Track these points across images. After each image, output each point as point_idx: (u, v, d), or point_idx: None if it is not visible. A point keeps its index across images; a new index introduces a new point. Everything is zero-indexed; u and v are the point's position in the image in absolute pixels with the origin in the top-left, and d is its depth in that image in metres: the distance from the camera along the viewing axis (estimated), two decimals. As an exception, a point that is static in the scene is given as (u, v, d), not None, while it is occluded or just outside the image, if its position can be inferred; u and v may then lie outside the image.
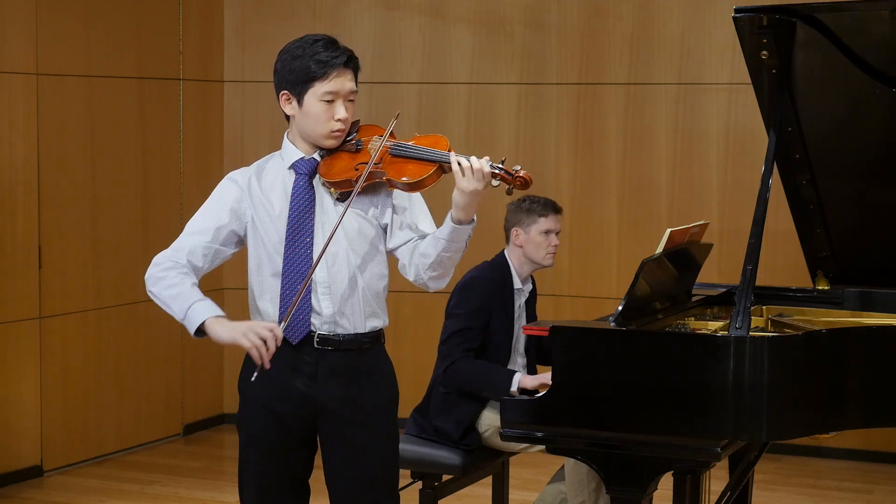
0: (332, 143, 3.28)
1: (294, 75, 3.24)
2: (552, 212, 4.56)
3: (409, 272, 3.27)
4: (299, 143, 3.32)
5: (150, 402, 6.70)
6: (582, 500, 4.33)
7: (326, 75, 3.21)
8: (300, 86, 3.24)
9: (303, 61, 3.22)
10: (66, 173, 6.15)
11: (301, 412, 3.29)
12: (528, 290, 4.65)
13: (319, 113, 3.24)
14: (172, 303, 3.21)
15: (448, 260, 3.21)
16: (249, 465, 3.37)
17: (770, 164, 3.94)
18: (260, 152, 3.46)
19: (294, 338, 3.24)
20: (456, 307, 4.47)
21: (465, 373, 4.40)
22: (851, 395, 3.57)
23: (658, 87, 6.69)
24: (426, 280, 3.25)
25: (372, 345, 3.32)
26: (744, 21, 3.85)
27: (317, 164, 3.29)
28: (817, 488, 6.06)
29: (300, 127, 3.30)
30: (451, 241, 3.17)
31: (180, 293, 3.20)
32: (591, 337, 3.57)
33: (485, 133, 6.91)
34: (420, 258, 3.23)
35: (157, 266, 3.26)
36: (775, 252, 6.35)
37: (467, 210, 3.14)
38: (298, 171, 3.29)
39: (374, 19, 7.01)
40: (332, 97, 3.23)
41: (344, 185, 3.24)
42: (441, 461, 4.39)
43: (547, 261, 4.56)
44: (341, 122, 3.25)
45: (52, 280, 6.08)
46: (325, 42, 3.25)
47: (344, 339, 3.26)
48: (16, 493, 5.82)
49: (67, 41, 6.13)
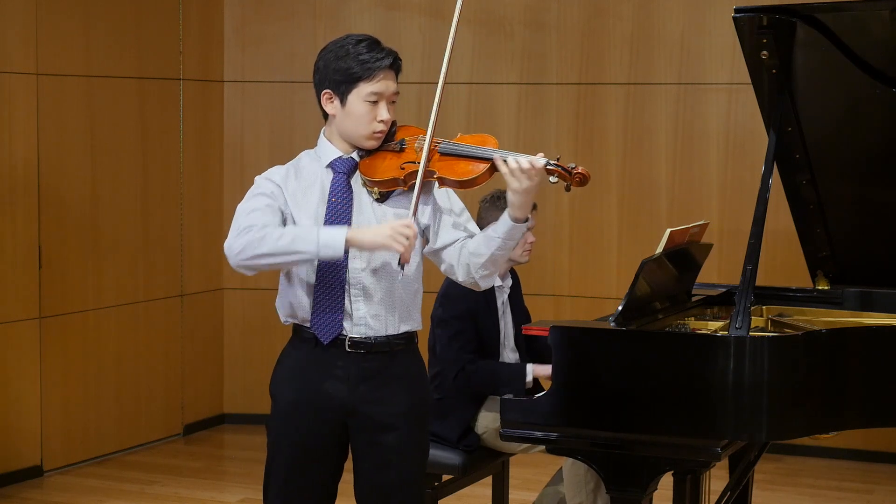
0: (372, 143, 3.27)
1: (339, 75, 3.23)
2: None
3: (458, 272, 3.27)
4: (337, 141, 3.30)
5: (150, 402, 6.70)
6: (580, 500, 4.33)
7: (372, 76, 3.22)
8: (344, 86, 3.23)
9: (347, 61, 3.22)
10: (66, 173, 6.15)
11: (332, 416, 3.27)
12: (509, 286, 4.64)
13: (363, 114, 3.23)
14: (296, 244, 3.10)
15: (501, 257, 3.22)
16: (276, 467, 3.33)
17: (770, 164, 3.95)
18: (260, 152, 3.46)
19: (325, 337, 3.23)
20: (444, 314, 4.46)
21: (477, 376, 4.40)
22: (851, 395, 3.57)
23: (658, 87, 6.69)
24: (478, 279, 3.26)
25: (405, 347, 3.31)
26: (744, 21, 3.85)
27: (355, 164, 3.28)
28: (817, 488, 6.06)
29: (341, 126, 3.28)
30: (507, 240, 3.19)
31: (296, 234, 3.12)
32: (591, 337, 3.57)
33: (485, 133, 6.89)
34: (471, 257, 3.23)
35: (242, 235, 3.14)
36: (775, 252, 6.35)
37: (524, 208, 3.16)
38: (337, 170, 3.28)
39: (374, 19, 7.01)
40: (377, 98, 3.23)
41: (389, 185, 3.24)
42: (441, 461, 4.39)
43: (523, 258, 4.56)
44: (383, 124, 3.25)
45: (52, 280, 6.08)
46: (370, 43, 3.25)
47: (376, 341, 3.25)
48: (16, 493, 5.82)
49: (67, 41, 6.14)
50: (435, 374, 4.50)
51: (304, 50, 6.98)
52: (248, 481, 5.90)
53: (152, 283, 6.64)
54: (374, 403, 3.26)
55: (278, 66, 7.02)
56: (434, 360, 4.52)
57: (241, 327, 7.09)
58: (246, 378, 7.05)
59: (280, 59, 7.03)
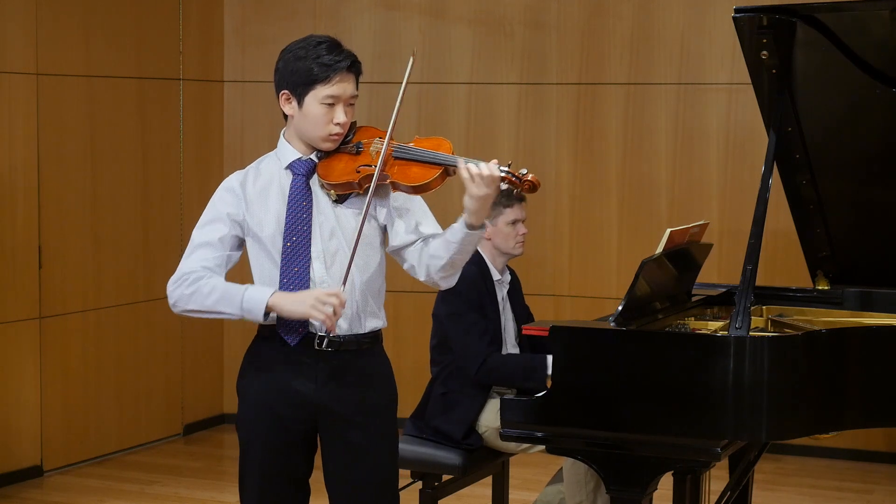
0: (329, 145, 3.27)
1: (296, 76, 3.23)
2: (517, 201, 4.56)
3: (419, 272, 3.28)
4: (296, 142, 3.32)
5: (150, 402, 6.70)
6: (580, 499, 4.33)
7: (329, 79, 3.21)
8: (301, 87, 3.23)
9: (306, 63, 3.22)
10: (66, 173, 6.15)
11: (301, 413, 3.29)
12: (508, 280, 4.64)
13: (319, 115, 3.23)
14: (221, 305, 3.19)
15: (459, 261, 3.23)
16: (249, 466, 3.37)
17: (770, 164, 3.95)
18: (260, 152, 3.46)
19: (292, 340, 3.24)
20: (451, 308, 4.45)
21: (500, 368, 4.39)
22: (851, 395, 3.57)
23: (658, 87, 6.68)
24: (437, 280, 3.27)
25: (371, 345, 3.32)
26: (744, 21, 3.85)
27: (314, 165, 3.29)
28: (817, 488, 6.06)
29: (298, 128, 3.29)
30: (463, 245, 3.18)
31: (224, 293, 3.19)
32: (591, 337, 3.57)
33: (485, 133, 6.91)
34: (431, 259, 3.24)
35: (179, 285, 3.25)
36: (775, 252, 6.35)
37: (479, 214, 3.15)
38: (296, 172, 3.29)
39: (374, 19, 7.01)
40: (333, 101, 3.22)
41: (345, 188, 3.24)
42: (441, 461, 4.39)
43: (517, 250, 4.57)
44: (340, 126, 3.24)
45: (52, 280, 6.08)
46: (329, 45, 3.24)
47: (344, 339, 3.26)
48: (16, 493, 5.82)
49: (67, 41, 6.13)
50: (441, 369, 4.50)
51: (304, 50, 6.97)
52: (248, 481, 5.89)
53: (152, 283, 6.64)
54: (342, 400, 3.27)
55: (278, 66, 7.01)
56: (440, 357, 4.51)
57: (241, 327, 7.06)
58: (246, 378, 7.03)
59: (280, 59, 7.02)
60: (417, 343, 6.81)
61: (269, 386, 3.29)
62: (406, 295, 6.55)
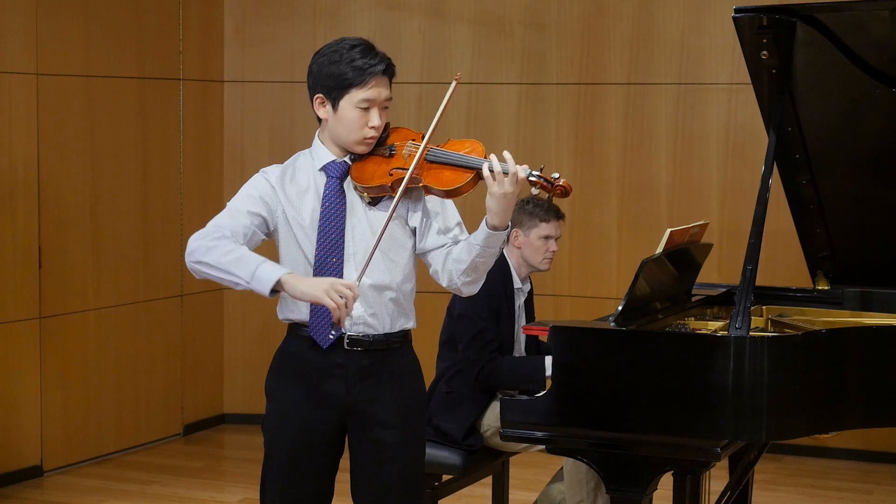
0: (363, 148, 3.26)
1: (331, 80, 3.22)
2: (554, 217, 4.55)
3: (443, 277, 3.26)
4: (330, 145, 3.30)
5: (150, 402, 6.70)
6: (580, 499, 4.33)
7: (364, 83, 3.20)
8: (336, 91, 3.22)
9: (340, 66, 3.20)
10: (66, 173, 6.15)
11: (331, 413, 3.27)
12: (527, 290, 4.66)
13: (354, 119, 3.22)
14: (236, 266, 3.12)
15: (482, 265, 3.20)
16: (274, 466, 3.33)
17: (770, 164, 3.95)
18: (260, 152, 3.46)
19: (323, 342, 3.22)
20: (466, 309, 4.45)
21: (497, 374, 4.40)
22: (851, 394, 3.57)
23: (658, 87, 6.69)
24: (459, 285, 3.25)
25: (401, 344, 3.31)
26: (744, 21, 3.85)
27: (348, 168, 3.27)
28: (817, 488, 6.06)
29: (332, 131, 3.27)
30: (486, 247, 3.16)
31: (242, 256, 3.13)
32: (591, 337, 3.58)
33: (485, 133, 6.91)
34: (454, 264, 3.22)
35: (201, 238, 3.19)
36: (775, 252, 6.34)
37: (501, 215, 3.13)
38: (329, 174, 3.27)
39: (374, 19, 7.01)
40: (368, 104, 3.21)
41: (378, 191, 3.23)
42: (441, 461, 4.39)
43: (543, 265, 4.57)
44: (375, 130, 3.23)
45: (52, 280, 6.08)
46: (363, 48, 3.23)
47: (374, 339, 3.25)
48: (16, 493, 5.82)
49: (67, 41, 6.13)
50: (447, 367, 4.50)
51: (304, 50, 6.97)
52: (248, 481, 5.90)
53: (152, 283, 6.64)
54: (372, 401, 3.26)
55: (278, 66, 7.02)
56: (448, 354, 4.51)
57: (241, 327, 7.09)
58: (246, 378, 7.04)
59: (280, 59, 7.02)
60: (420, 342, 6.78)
61: (299, 387, 3.27)
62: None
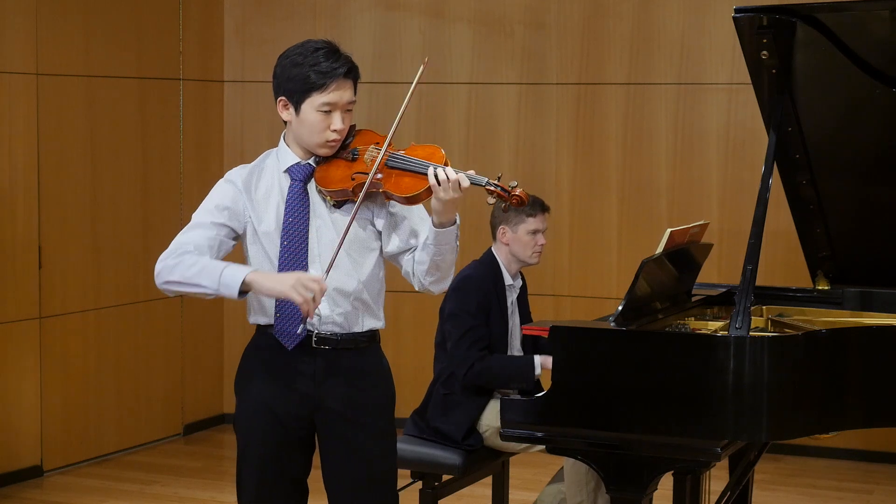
0: (326, 151, 3.27)
1: (292, 83, 3.22)
2: (540, 211, 4.56)
3: (413, 280, 3.30)
4: (294, 147, 3.31)
5: (150, 402, 6.70)
6: (580, 499, 4.33)
7: (325, 86, 3.20)
8: (298, 94, 3.22)
9: (302, 69, 3.20)
10: (66, 173, 6.14)
11: (300, 412, 3.29)
12: (519, 286, 4.65)
13: (315, 122, 3.22)
14: (200, 277, 3.15)
15: (442, 262, 3.23)
16: (247, 466, 3.37)
17: (770, 164, 3.94)
18: (260, 152, 3.45)
19: (289, 343, 3.25)
20: (455, 308, 4.46)
21: (487, 372, 4.41)
22: (851, 395, 3.57)
23: (658, 87, 6.68)
24: (427, 285, 3.28)
25: (369, 344, 3.33)
26: (744, 21, 3.85)
27: (312, 170, 3.29)
28: (817, 488, 6.06)
29: (296, 133, 3.28)
30: (439, 245, 3.19)
31: (205, 266, 3.16)
32: (591, 337, 3.57)
33: (485, 133, 6.91)
34: (417, 266, 3.26)
35: (166, 257, 3.24)
36: (775, 252, 6.34)
37: (444, 215, 3.17)
38: (293, 177, 3.29)
39: (374, 19, 7.01)
40: (330, 108, 3.21)
41: (340, 195, 3.25)
42: (441, 461, 4.39)
43: (533, 259, 4.57)
44: (337, 133, 3.24)
45: (52, 280, 6.07)
46: (327, 51, 3.23)
47: (342, 338, 3.27)
48: (16, 493, 5.82)
49: (67, 41, 6.13)
50: (443, 369, 4.50)
51: (304, 50, 6.98)
52: (248, 481, 5.89)
53: (152, 283, 6.57)
54: (340, 399, 3.28)
55: (278, 66, 7.01)
56: (443, 356, 4.52)
57: (241, 327, 7.06)
58: (246, 378, 7.03)
59: (280, 59, 7.02)
60: (417, 343, 6.81)
61: (267, 385, 3.29)
62: (406, 295, 6.54)
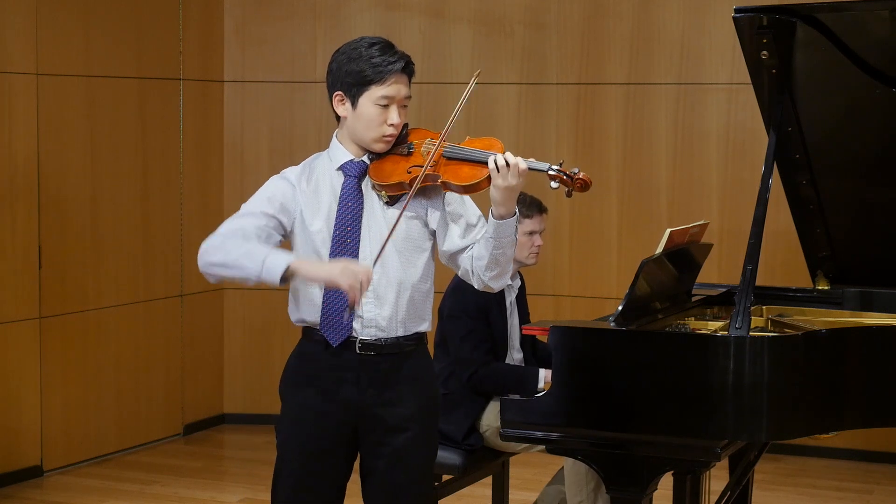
0: (382, 146, 3.26)
1: (350, 77, 3.22)
2: (537, 212, 4.56)
3: (473, 278, 3.26)
4: (348, 144, 3.30)
5: (150, 402, 6.70)
6: (580, 499, 4.33)
7: (383, 80, 3.21)
8: (356, 88, 3.22)
9: (360, 64, 3.21)
10: (66, 173, 6.15)
11: (343, 417, 3.26)
12: (517, 286, 4.65)
13: (373, 117, 3.23)
14: (244, 260, 3.12)
15: (502, 256, 3.20)
16: (286, 469, 3.32)
17: (770, 164, 3.95)
18: (260, 152, 3.46)
19: (334, 340, 3.23)
20: (455, 310, 4.45)
21: (491, 379, 4.41)
22: (851, 395, 3.57)
23: (658, 87, 6.69)
24: (487, 281, 3.24)
25: (415, 348, 3.30)
26: (744, 21, 3.85)
27: (366, 167, 3.27)
28: (817, 488, 6.06)
29: (351, 129, 3.27)
30: (498, 238, 3.17)
31: (250, 250, 3.13)
32: (591, 337, 3.57)
33: (485, 133, 6.87)
34: (475, 262, 3.23)
35: (212, 237, 3.19)
36: (775, 252, 6.35)
37: (505, 205, 3.15)
38: (347, 173, 3.27)
39: (374, 19, 7.01)
40: (387, 102, 3.22)
41: (396, 189, 3.23)
42: (441, 461, 4.39)
43: (530, 260, 4.57)
44: (394, 127, 3.24)
45: (52, 280, 6.08)
46: (382, 46, 3.24)
47: (386, 343, 3.24)
48: (16, 493, 5.82)
49: (67, 41, 6.13)
50: (442, 369, 4.50)
51: (304, 50, 6.98)
52: (248, 481, 5.90)
53: (152, 283, 6.64)
54: (385, 405, 3.26)
55: (278, 66, 7.02)
56: (442, 356, 4.51)
57: (242, 327, 7.09)
58: (246, 378, 7.04)
59: (280, 59, 7.02)
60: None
61: (312, 390, 3.27)
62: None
